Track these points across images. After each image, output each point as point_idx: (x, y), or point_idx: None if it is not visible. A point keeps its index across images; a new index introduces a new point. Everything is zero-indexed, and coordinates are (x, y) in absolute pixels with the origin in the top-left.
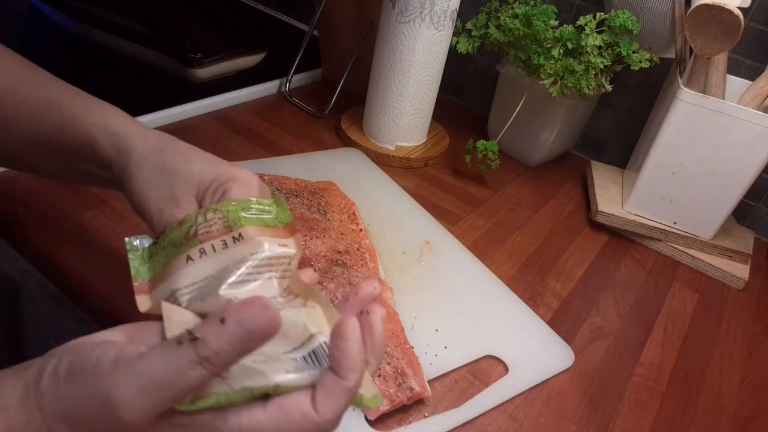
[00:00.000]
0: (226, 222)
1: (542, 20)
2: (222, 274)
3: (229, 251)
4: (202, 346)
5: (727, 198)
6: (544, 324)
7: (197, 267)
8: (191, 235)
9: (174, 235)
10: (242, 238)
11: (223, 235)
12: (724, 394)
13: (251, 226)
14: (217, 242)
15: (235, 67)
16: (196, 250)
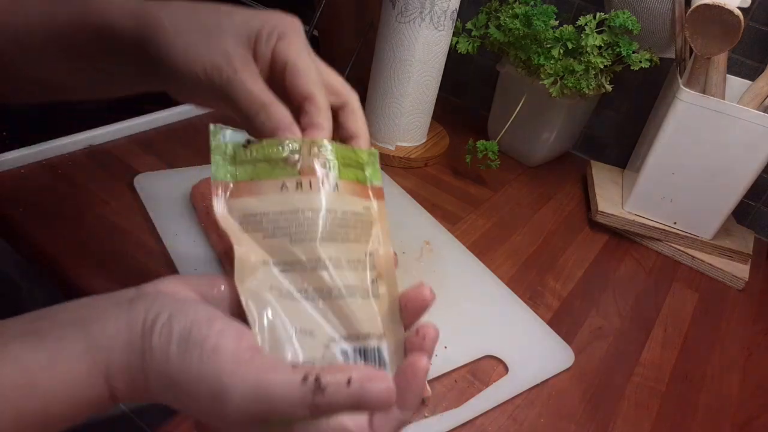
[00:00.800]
0: (327, 164)
1: (542, 20)
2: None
3: (322, 196)
4: (320, 396)
5: (727, 198)
6: (544, 324)
7: (290, 197)
8: (291, 162)
9: (271, 152)
10: (338, 189)
11: (321, 177)
12: (724, 394)
13: (345, 181)
14: (316, 181)
15: None
16: (294, 180)
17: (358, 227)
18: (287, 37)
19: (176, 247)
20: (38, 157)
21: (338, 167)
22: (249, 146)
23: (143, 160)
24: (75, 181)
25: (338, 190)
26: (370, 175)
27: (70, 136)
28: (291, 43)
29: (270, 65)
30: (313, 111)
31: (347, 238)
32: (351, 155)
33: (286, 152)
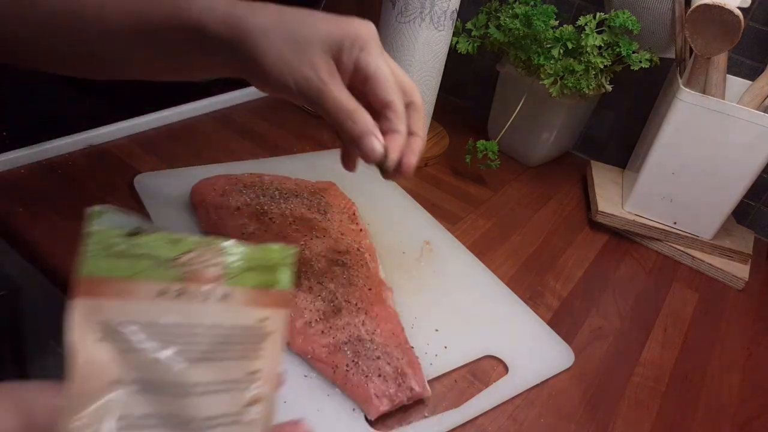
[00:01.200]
0: (219, 270)
1: (542, 20)
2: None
3: (207, 308)
4: None
5: (727, 198)
6: (544, 324)
7: (166, 306)
8: (179, 263)
9: (159, 249)
10: (227, 299)
11: (210, 285)
12: (724, 394)
13: (245, 288)
14: (201, 289)
15: None
16: (177, 286)
17: (245, 343)
18: (367, 47)
19: None
20: (38, 157)
21: (237, 272)
22: (134, 237)
23: (143, 160)
24: (75, 181)
25: (229, 300)
26: (279, 278)
27: (70, 136)
28: (371, 54)
29: (352, 74)
30: (393, 118)
31: (227, 357)
32: (259, 255)
33: (176, 251)
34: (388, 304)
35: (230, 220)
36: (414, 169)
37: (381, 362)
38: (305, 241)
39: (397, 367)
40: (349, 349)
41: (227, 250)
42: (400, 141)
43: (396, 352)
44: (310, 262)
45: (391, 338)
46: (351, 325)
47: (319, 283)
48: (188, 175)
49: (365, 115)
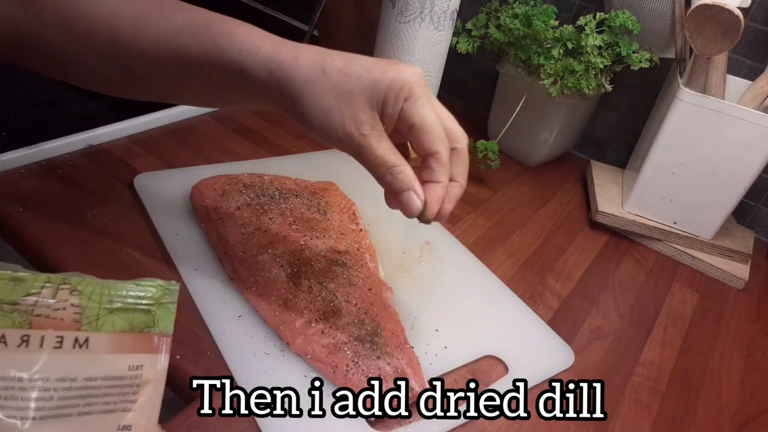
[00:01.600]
0: (77, 312)
1: (542, 20)
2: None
3: (61, 357)
4: None
5: (727, 198)
6: (544, 324)
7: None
8: (22, 307)
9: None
10: (87, 346)
11: (67, 330)
12: (724, 394)
13: (108, 332)
14: (50, 336)
15: None
16: (18, 333)
17: (111, 395)
18: (413, 95)
19: (176, 247)
20: (38, 157)
21: (99, 314)
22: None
23: (143, 160)
24: (75, 181)
25: (89, 347)
26: (157, 320)
27: (70, 136)
28: (416, 104)
29: (397, 122)
30: (437, 168)
31: (89, 411)
32: (130, 293)
33: (18, 294)
34: (388, 304)
35: (230, 220)
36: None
37: (381, 362)
38: (305, 241)
39: (397, 367)
40: (349, 349)
41: (86, 290)
42: (440, 192)
43: (396, 352)
44: (310, 262)
45: (391, 338)
46: (351, 325)
47: (319, 283)
48: (188, 175)
49: (406, 170)
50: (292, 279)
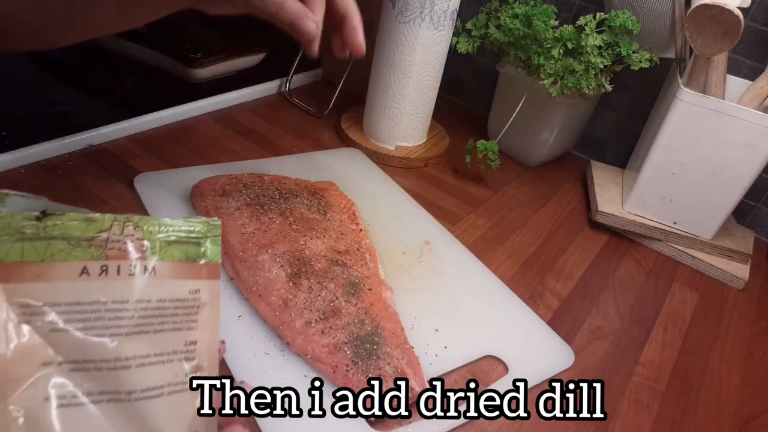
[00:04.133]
0: (142, 245)
1: (542, 20)
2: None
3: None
4: None
5: (727, 198)
6: (544, 324)
7: (91, 285)
8: (98, 242)
9: (73, 228)
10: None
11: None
12: (724, 394)
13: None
14: (125, 265)
15: (235, 67)
16: (98, 264)
17: (178, 315)
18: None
19: None
20: (38, 157)
21: (160, 246)
22: (44, 219)
23: (143, 160)
24: (75, 181)
25: (156, 274)
26: (206, 250)
27: (70, 136)
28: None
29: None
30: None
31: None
32: (181, 228)
33: (92, 231)
34: (388, 304)
35: (230, 220)
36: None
37: (381, 362)
38: (305, 241)
39: (397, 367)
40: (349, 349)
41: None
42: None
43: (396, 352)
44: (310, 262)
45: (391, 338)
46: (351, 325)
47: (319, 283)
48: (188, 175)
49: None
50: (292, 279)
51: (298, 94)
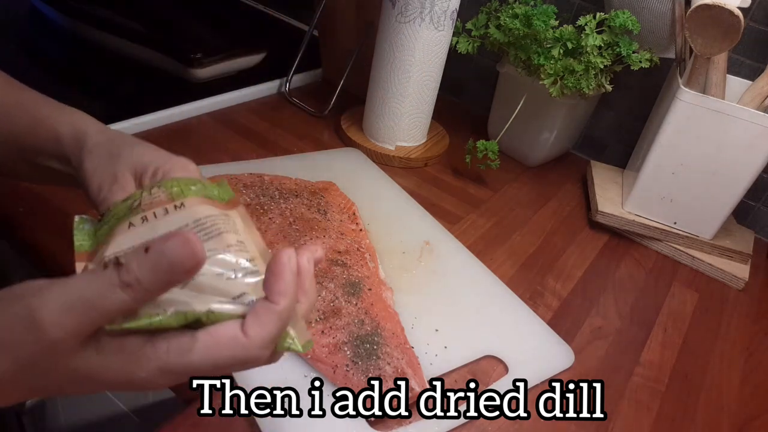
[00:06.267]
0: (169, 195)
1: (542, 20)
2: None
3: (171, 216)
4: (125, 272)
5: (727, 198)
6: (544, 324)
7: (138, 231)
8: (134, 207)
9: (118, 210)
10: (184, 207)
11: (167, 204)
12: (724, 394)
13: (193, 197)
14: (159, 209)
15: (235, 67)
16: (138, 217)
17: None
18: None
19: None
20: None
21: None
22: (103, 217)
23: None
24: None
25: (185, 207)
26: (218, 194)
27: None
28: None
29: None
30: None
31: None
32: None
33: (129, 202)
34: (388, 304)
35: None
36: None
37: (381, 362)
38: (305, 241)
39: (397, 367)
40: (349, 349)
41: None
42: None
43: (396, 352)
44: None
45: (391, 338)
46: (351, 325)
47: (319, 283)
48: None
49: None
50: None
51: (298, 94)
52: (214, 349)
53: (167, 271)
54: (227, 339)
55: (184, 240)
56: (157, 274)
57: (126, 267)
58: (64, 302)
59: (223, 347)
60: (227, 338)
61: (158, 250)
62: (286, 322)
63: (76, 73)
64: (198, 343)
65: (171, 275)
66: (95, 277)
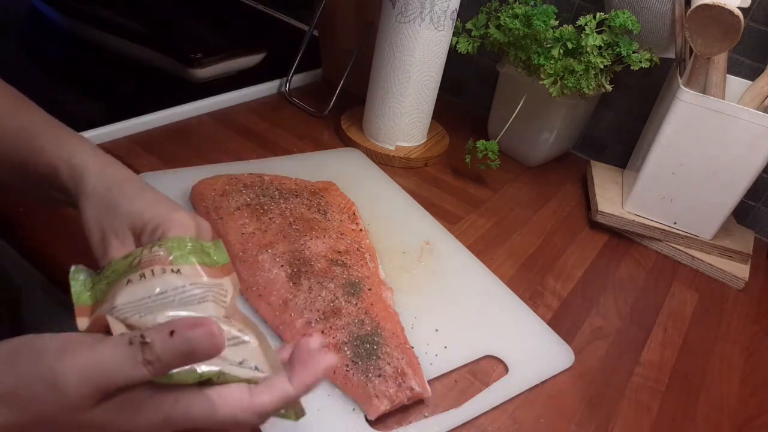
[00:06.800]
0: (168, 256)
1: (542, 20)
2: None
3: (167, 276)
4: (149, 351)
5: (727, 198)
6: (544, 324)
7: (135, 288)
8: (134, 264)
9: (118, 266)
10: (180, 272)
11: (163, 264)
12: (724, 394)
13: (190, 265)
14: (157, 268)
15: (235, 67)
16: (137, 274)
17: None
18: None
19: None
20: None
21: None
22: (102, 271)
23: (143, 160)
24: None
25: (182, 273)
26: (216, 258)
27: None
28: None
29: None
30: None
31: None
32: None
33: (130, 260)
34: (388, 304)
35: (230, 220)
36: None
37: (381, 362)
38: (305, 241)
39: (397, 367)
40: (349, 349)
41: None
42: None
43: (396, 352)
44: (310, 262)
45: (391, 338)
46: (351, 325)
47: (319, 283)
48: (188, 175)
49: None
50: (292, 279)
51: (298, 94)
52: (220, 407)
53: (188, 355)
54: (233, 399)
55: (209, 333)
56: (177, 357)
57: (150, 347)
58: (87, 372)
59: (227, 406)
60: (233, 398)
61: (183, 337)
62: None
63: (76, 73)
64: (205, 399)
65: (190, 359)
66: (119, 350)
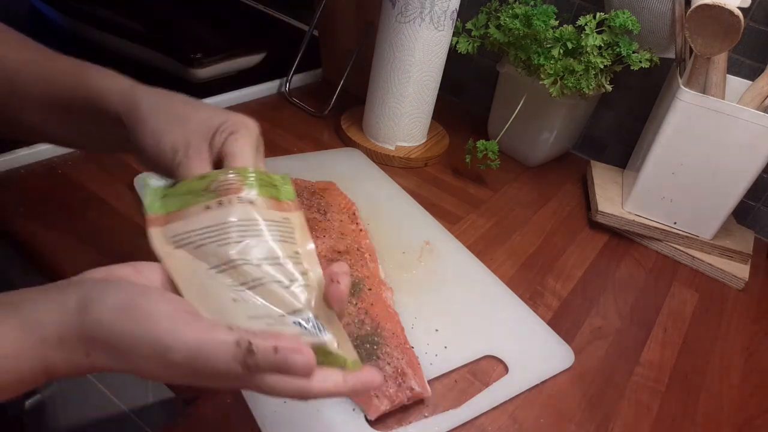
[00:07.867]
0: (243, 185)
1: (542, 20)
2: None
3: (243, 207)
4: (251, 358)
5: (727, 198)
6: (544, 324)
7: (214, 214)
8: (211, 189)
9: (194, 185)
10: (256, 204)
11: (243, 195)
12: (724, 394)
13: (263, 197)
14: (233, 198)
15: (235, 67)
16: (215, 201)
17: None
18: (237, 134)
19: None
20: (38, 157)
21: (255, 187)
22: (175, 185)
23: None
24: (75, 181)
25: (256, 204)
26: (284, 194)
27: None
28: (238, 140)
29: (218, 155)
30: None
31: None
32: (265, 178)
33: (207, 181)
34: (388, 304)
35: None
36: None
37: (381, 362)
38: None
39: (397, 367)
40: None
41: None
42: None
43: (396, 352)
44: None
45: (391, 338)
46: (351, 325)
47: None
48: None
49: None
50: None
51: (298, 94)
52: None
53: (282, 372)
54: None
55: (308, 362)
56: (273, 370)
57: (254, 356)
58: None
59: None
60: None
61: (284, 358)
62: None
63: None
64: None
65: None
66: (225, 346)
